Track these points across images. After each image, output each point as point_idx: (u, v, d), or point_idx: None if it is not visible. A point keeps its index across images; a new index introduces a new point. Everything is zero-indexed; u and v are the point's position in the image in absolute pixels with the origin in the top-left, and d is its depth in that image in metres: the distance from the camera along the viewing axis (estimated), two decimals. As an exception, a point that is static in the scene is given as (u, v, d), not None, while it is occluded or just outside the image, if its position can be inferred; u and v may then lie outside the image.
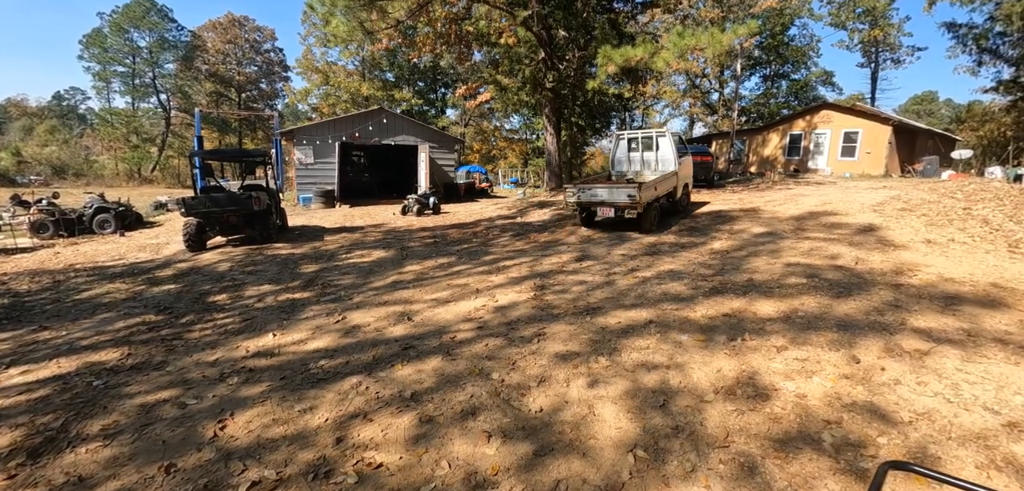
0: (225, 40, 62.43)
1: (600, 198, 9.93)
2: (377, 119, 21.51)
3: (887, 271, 5.85)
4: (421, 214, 16.21)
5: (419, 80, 56.15)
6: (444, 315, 5.39)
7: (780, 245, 7.62)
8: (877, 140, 23.23)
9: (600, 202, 9.95)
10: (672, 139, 11.43)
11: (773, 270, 6.20)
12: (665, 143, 11.48)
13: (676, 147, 11.37)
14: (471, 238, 10.79)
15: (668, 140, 11.43)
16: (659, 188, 10.36)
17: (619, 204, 9.63)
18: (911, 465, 0.87)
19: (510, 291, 6.14)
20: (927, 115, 58.67)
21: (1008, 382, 3.28)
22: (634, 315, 4.95)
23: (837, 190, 13.34)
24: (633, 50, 11.63)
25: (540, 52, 17.51)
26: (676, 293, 5.56)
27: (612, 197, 9.73)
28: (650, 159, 11.75)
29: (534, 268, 7.33)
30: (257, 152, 12.60)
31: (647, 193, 9.61)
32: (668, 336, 4.35)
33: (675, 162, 11.23)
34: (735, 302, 5.09)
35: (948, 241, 7.19)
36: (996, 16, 19.99)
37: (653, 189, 9.99)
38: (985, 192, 10.35)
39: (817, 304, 4.87)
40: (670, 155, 11.32)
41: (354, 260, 8.94)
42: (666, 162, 11.43)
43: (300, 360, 4.48)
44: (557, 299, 5.68)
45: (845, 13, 38.41)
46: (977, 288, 5.14)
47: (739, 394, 3.35)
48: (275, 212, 12.66)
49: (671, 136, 11.48)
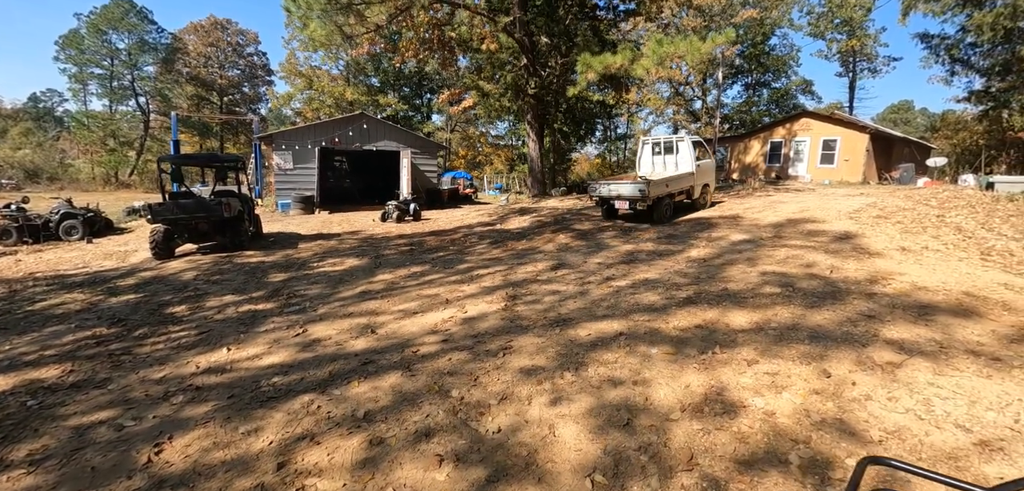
0: (207, 43, 61.50)
1: (616, 193, 11.36)
2: (358, 124, 21.21)
3: (861, 280, 5.79)
4: (401, 221, 15.95)
5: (404, 85, 55.81)
6: (410, 327, 5.18)
7: (757, 253, 7.55)
8: (855, 148, 23.58)
9: (617, 196, 11.36)
10: (691, 144, 12.71)
11: (748, 279, 6.11)
12: (684, 147, 12.78)
13: (695, 151, 12.68)
14: (448, 246, 10.59)
15: (686, 145, 12.74)
16: (670, 186, 11.66)
17: (631, 198, 10.99)
18: (890, 460, 0.88)
19: (481, 301, 5.96)
20: (903, 123, 60.00)
21: (980, 397, 3.19)
22: (605, 327, 4.80)
23: (815, 197, 13.42)
24: (613, 57, 11.58)
25: (522, 58, 17.42)
26: (649, 303, 5.43)
27: (625, 192, 11.10)
28: (670, 161, 13.05)
29: (508, 277, 7.16)
30: (230, 157, 12.27)
31: (656, 189, 10.95)
32: (637, 349, 4.20)
33: (692, 165, 12.48)
34: (708, 313, 4.97)
35: (922, 249, 7.18)
36: (967, 27, 20.44)
37: (665, 186, 11.36)
38: (958, 199, 10.46)
39: (790, 314, 4.77)
40: (688, 158, 12.57)
41: (325, 269, 8.68)
42: (684, 164, 12.63)
43: (252, 377, 4.25)
44: (528, 310, 5.51)
45: (824, 23, 39.15)
46: (950, 297, 5.09)
47: (707, 411, 3.20)
48: (248, 219, 12.32)
49: (690, 141, 12.78)
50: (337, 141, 20.47)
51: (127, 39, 56.93)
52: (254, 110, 67.06)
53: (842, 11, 37.55)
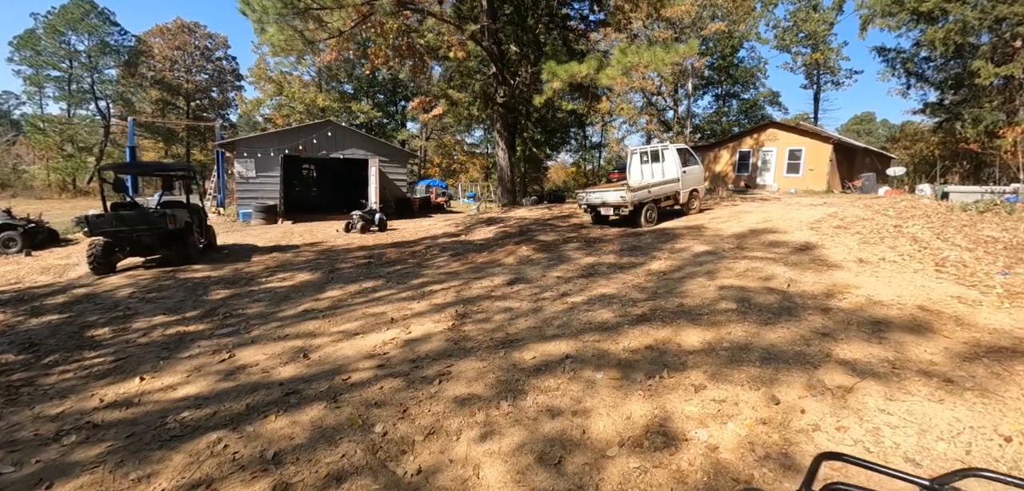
0: (173, 46, 59.68)
1: (602, 200, 12.17)
2: (323, 131, 20.63)
3: (818, 294, 5.69)
4: (365, 231, 15.48)
5: (378, 92, 55.11)
6: (346, 351, 4.83)
7: (718, 265, 7.43)
8: (819, 157, 24.09)
9: (602, 203, 12.15)
10: (676, 152, 13.25)
11: (706, 294, 5.95)
12: (669, 155, 13.35)
13: (681, 159, 13.22)
14: (408, 258, 10.22)
15: (672, 153, 13.31)
16: (653, 192, 12.33)
17: (615, 204, 11.78)
18: (844, 455, 0.92)
19: (428, 320, 5.64)
20: (866, 134, 62.09)
21: (931, 425, 3.02)
22: (552, 348, 4.54)
23: (779, 207, 13.52)
24: (578, 66, 11.46)
25: (491, 67, 17.21)
26: (602, 321, 5.19)
27: (608, 198, 11.92)
28: (657, 169, 13.65)
29: (462, 293, 6.85)
30: (178, 166, 11.66)
31: (635, 195, 11.67)
32: (582, 374, 3.95)
33: (677, 172, 13.05)
34: (661, 331, 4.76)
35: (879, 260, 7.17)
36: (921, 42, 21.14)
37: (647, 192, 12.09)
38: (915, 209, 10.61)
39: (744, 333, 4.59)
40: (673, 166, 13.16)
41: (273, 284, 8.22)
42: (670, 172, 13.21)
43: (160, 411, 3.84)
44: (476, 330, 5.21)
45: (789, 37, 40.21)
46: (904, 311, 5.01)
47: (647, 445, 2.96)
48: (200, 230, 11.73)
49: (676, 150, 13.32)
50: (301, 149, 19.86)
51: (87, 41, 54.81)
52: (223, 116, 65.19)
53: (806, 25, 38.64)
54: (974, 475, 0.81)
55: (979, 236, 7.97)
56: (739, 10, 38.63)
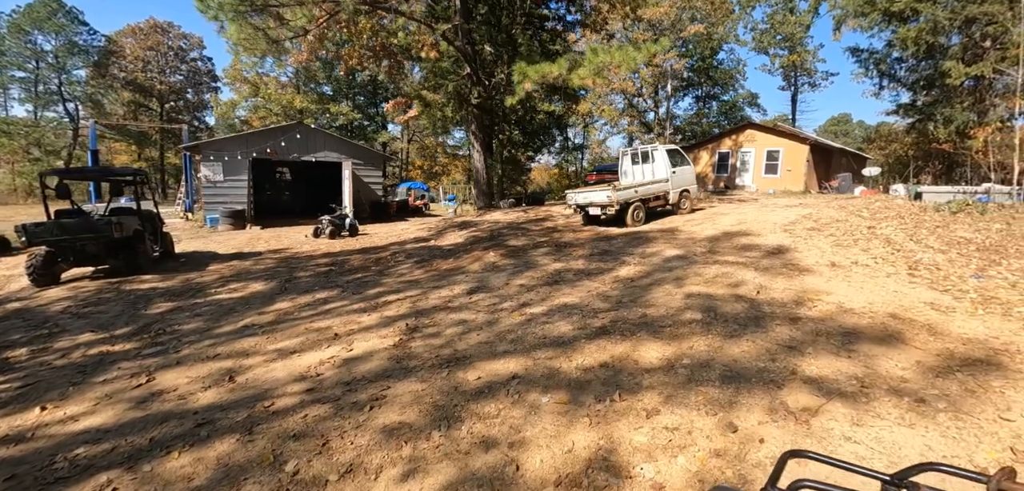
0: (145, 47, 58.04)
1: (589, 200, 12.53)
2: (292, 133, 20.02)
3: (787, 301, 5.42)
4: (334, 237, 14.98)
5: (358, 94, 54.24)
6: (277, 373, 4.41)
7: (687, 271, 7.15)
8: (797, 158, 24.19)
9: (589, 203, 12.51)
10: (666, 153, 13.50)
11: (671, 303, 5.65)
12: (659, 156, 13.61)
13: (671, 160, 13.49)
14: (371, 265, 9.79)
15: (661, 154, 13.55)
16: (640, 192, 12.55)
17: (600, 203, 12.09)
18: (809, 453, 0.94)
19: (374, 336, 5.23)
20: (843, 135, 63.16)
21: (900, 453, 2.73)
22: (501, 367, 4.18)
23: (755, 208, 13.38)
24: (550, 66, 11.16)
25: (465, 67, 16.81)
26: (559, 335, 4.85)
27: (595, 198, 12.27)
28: (647, 170, 13.90)
29: (418, 303, 6.46)
30: (125, 171, 11.00)
31: (620, 195, 11.94)
32: (527, 397, 3.60)
33: (666, 172, 13.32)
34: (619, 346, 4.43)
35: (851, 264, 6.96)
36: (893, 42, 21.30)
37: (634, 192, 12.36)
38: (889, 210, 10.51)
39: (707, 347, 4.29)
40: (662, 166, 13.42)
41: (222, 296, 7.72)
42: (658, 172, 13.48)
43: (53, 448, 3.38)
44: (423, 346, 4.83)
45: (767, 39, 40.58)
46: (875, 320, 4.76)
47: (586, 484, 2.61)
48: (152, 238, 11.14)
49: (665, 151, 13.58)
50: (270, 151, 19.23)
51: (54, 40, 53.10)
52: (199, 118, 63.79)
53: (783, 28, 39.02)
54: (932, 469, 0.85)
55: (952, 237, 7.83)
56: (718, 13, 38.87)
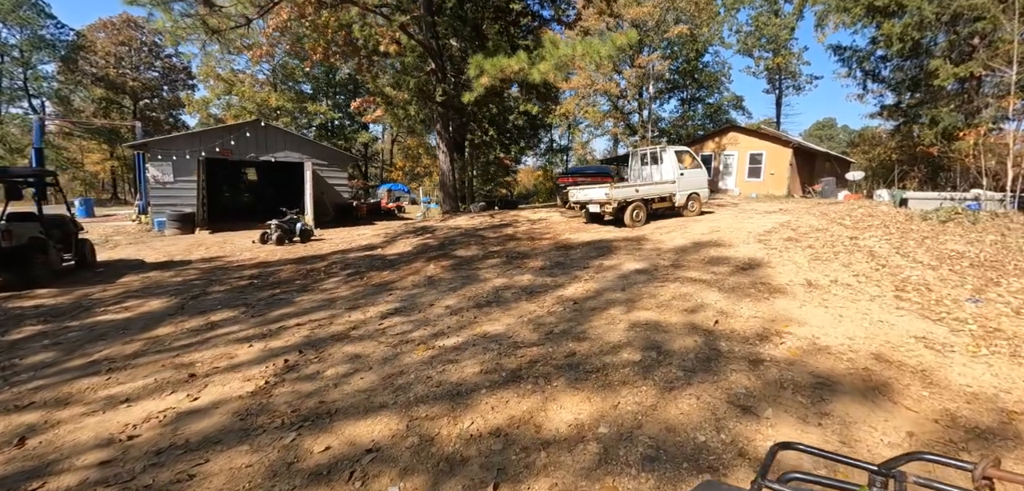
0: (118, 42, 56.13)
1: (587, 198, 12.50)
2: (240, 132, 18.75)
3: (750, 335, 4.44)
4: (282, 243, 13.80)
5: (339, 92, 52.82)
6: (84, 433, 3.33)
7: (642, 291, 6.16)
8: (780, 162, 23.49)
9: (588, 200, 12.48)
10: (674, 155, 13.16)
11: (611, 335, 4.63)
12: (667, 157, 13.20)
13: (681, 162, 13.21)
14: (299, 278, 8.67)
15: (669, 155, 13.18)
16: (641, 192, 12.23)
17: (598, 202, 11.93)
18: (798, 444, 0.92)
19: (237, 377, 4.16)
20: (828, 140, 63.05)
21: None
22: (364, 431, 3.14)
23: (731, 215, 12.50)
24: (507, 60, 10.15)
25: (429, 63, 15.74)
26: (458, 382, 3.81)
27: (594, 196, 12.18)
28: (655, 171, 13.56)
29: (318, 331, 5.38)
30: (25, 171, 9.77)
31: (618, 194, 11.73)
32: (372, 487, 2.56)
33: (674, 174, 12.95)
34: (526, 401, 3.41)
35: (830, 283, 6.02)
36: (877, 38, 20.54)
37: (634, 192, 12.09)
38: (873, 218, 9.66)
39: (637, 404, 3.28)
40: (670, 168, 13.04)
41: (106, 317, 6.58)
42: (665, 174, 13.09)
43: None
44: (288, 394, 3.77)
45: (751, 41, 40.04)
46: (855, 363, 3.79)
47: None
48: (62, 246, 9.94)
49: (674, 152, 13.24)
50: (218, 150, 17.98)
51: (19, 34, 51.15)
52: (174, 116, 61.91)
53: (768, 30, 38.50)
54: (917, 458, 0.86)
55: (943, 250, 6.95)
56: (702, 14, 38.22)
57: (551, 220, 14.41)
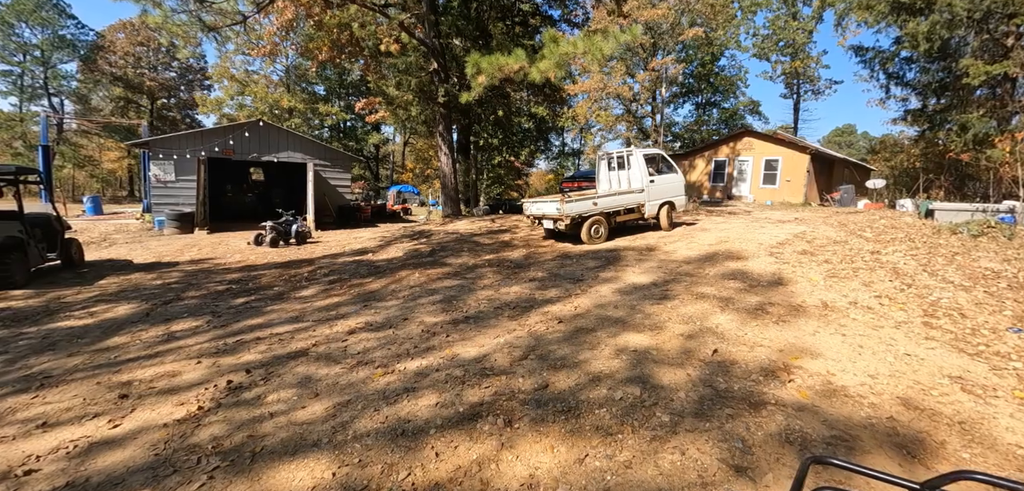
0: (136, 42, 57.06)
1: (541, 212, 11.08)
2: (240, 133, 18.54)
3: (755, 369, 3.85)
4: (276, 245, 13.46)
5: (351, 94, 52.89)
6: (-44, 476, 2.88)
7: (638, 310, 5.59)
8: (796, 168, 22.62)
9: (542, 215, 11.09)
10: (643, 159, 11.45)
11: (595, 363, 4.08)
12: (635, 162, 11.58)
13: (650, 167, 11.44)
14: (280, 283, 8.25)
15: (637, 159, 11.52)
16: (601, 204, 10.64)
17: (549, 216, 10.72)
18: (831, 459, 0.89)
19: (170, 401, 3.70)
20: (847, 146, 61.43)
21: None
22: (282, 478, 2.65)
23: (743, 224, 11.81)
24: (505, 58, 9.63)
25: (432, 62, 15.32)
26: (408, 417, 3.29)
27: (548, 211, 10.72)
28: (623, 177, 12.00)
29: (279, 347, 4.91)
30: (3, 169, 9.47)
31: (572, 208, 10.22)
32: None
33: (642, 181, 11.28)
34: (479, 446, 2.88)
35: (849, 304, 5.39)
36: (902, 37, 19.52)
37: (591, 204, 10.50)
38: (896, 230, 8.95)
39: (608, 458, 2.72)
40: (638, 174, 11.41)
41: (69, 323, 6.20)
42: (633, 181, 11.56)
43: None
44: (218, 425, 3.30)
45: (768, 45, 39.01)
46: (879, 410, 3.19)
47: None
48: (45, 245, 9.66)
49: (642, 156, 11.53)
50: (218, 150, 17.79)
51: (41, 33, 52.22)
52: (190, 116, 62.68)
53: (785, 33, 37.47)
54: (966, 477, 0.78)
55: (976, 269, 6.26)
56: (719, 17, 37.33)
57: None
